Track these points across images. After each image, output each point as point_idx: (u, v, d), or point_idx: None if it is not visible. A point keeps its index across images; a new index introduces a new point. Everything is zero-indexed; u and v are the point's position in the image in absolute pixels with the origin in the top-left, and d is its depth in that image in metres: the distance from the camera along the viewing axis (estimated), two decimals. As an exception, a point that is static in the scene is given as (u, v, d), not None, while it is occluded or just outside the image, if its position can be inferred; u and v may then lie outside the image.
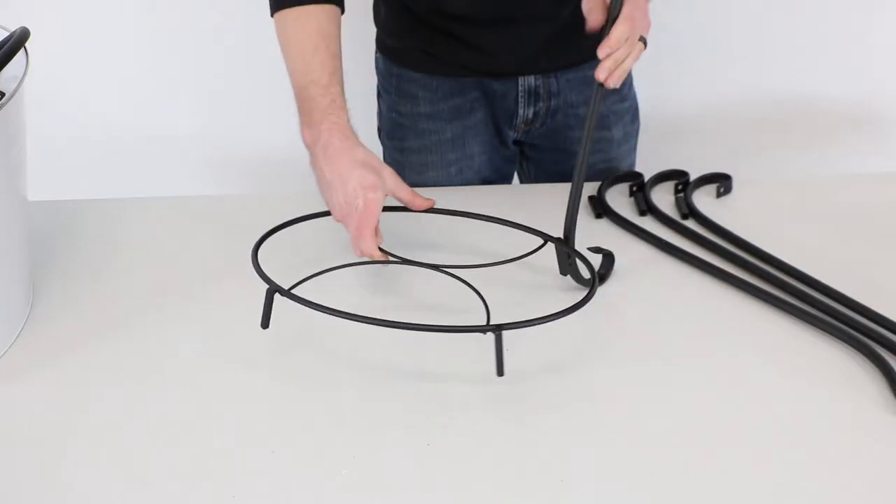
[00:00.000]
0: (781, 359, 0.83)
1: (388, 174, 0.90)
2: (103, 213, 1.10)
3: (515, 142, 1.23)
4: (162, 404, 0.80)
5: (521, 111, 1.17)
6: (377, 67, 1.23)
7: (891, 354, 0.82)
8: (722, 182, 1.10)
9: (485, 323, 0.81)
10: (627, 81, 1.22)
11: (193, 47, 1.68)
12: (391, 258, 0.92)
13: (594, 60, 1.15)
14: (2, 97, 0.80)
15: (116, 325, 0.90)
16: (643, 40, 0.88)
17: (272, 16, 0.96)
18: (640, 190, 1.09)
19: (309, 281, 0.87)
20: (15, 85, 0.80)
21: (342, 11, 0.97)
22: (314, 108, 0.91)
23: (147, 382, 0.83)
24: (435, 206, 0.94)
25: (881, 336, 0.84)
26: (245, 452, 0.75)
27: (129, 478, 0.73)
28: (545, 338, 0.85)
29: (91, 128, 1.77)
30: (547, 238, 0.92)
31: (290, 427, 0.78)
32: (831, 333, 0.85)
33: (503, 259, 0.92)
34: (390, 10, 1.16)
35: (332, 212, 0.91)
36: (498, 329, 0.76)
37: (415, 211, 0.93)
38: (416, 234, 1.00)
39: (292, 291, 0.82)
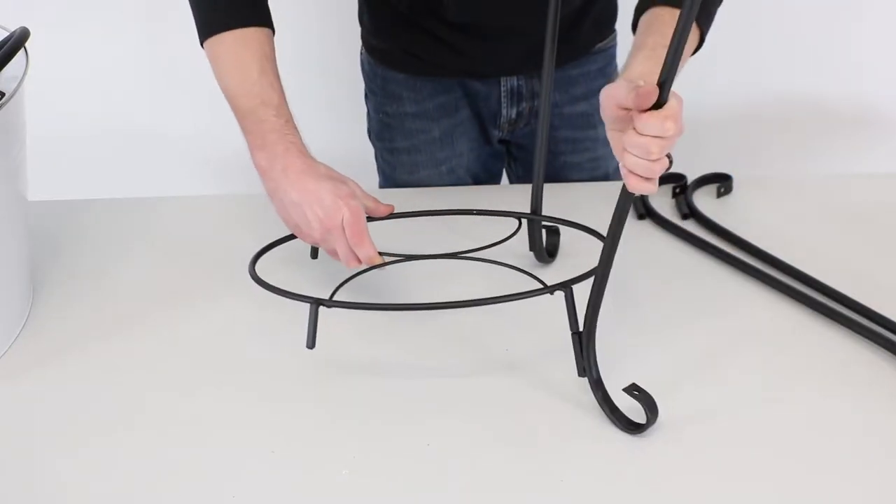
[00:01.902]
0: (785, 358, 0.83)
1: (353, 184, 0.88)
2: (103, 213, 1.10)
3: (501, 141, 1.23)
4: (161, 404, 0.80)
5: (504, 111, 1.17)
6: (363, 69, 1.23)
7: (891, 354, 0.82)
8: (722, 182, 1.10)
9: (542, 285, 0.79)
10: (612, 80, 1.21)
11: (194, 47, 1.68)
12: (392, 257, 0.91)
13: (576, 61, 1.14)
14: (2, 97, 0.80)
15: (116, 325, 0.90)
16: (669, 157, 0.71)
17: (203, 43, 0.92)
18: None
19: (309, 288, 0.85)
20: (15, 85, 0.80)
21: (273, 33, 0.93)
22: (268, 129, 0.87)
23: (146, 382, 0.83)
24: (398, 211, 0.92)
25: (881, 336, 0.84)
26: (245, 452, 0.75)
27: (129, 477, 0.73)
28: (543, 332, 0.85)
29: (91, 127, 1.77)
30: (520, 216, 0.93)
31: (290, 427, 0.78)
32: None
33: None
34: (371, 9, 1.15)
35: (307, 231, 0.86)
36: (566, 286, 0.75)
37: (378, 219, 0.90)
38: (388, 241, 0.99)
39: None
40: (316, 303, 0.76)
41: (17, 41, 0.80)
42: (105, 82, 1.73)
